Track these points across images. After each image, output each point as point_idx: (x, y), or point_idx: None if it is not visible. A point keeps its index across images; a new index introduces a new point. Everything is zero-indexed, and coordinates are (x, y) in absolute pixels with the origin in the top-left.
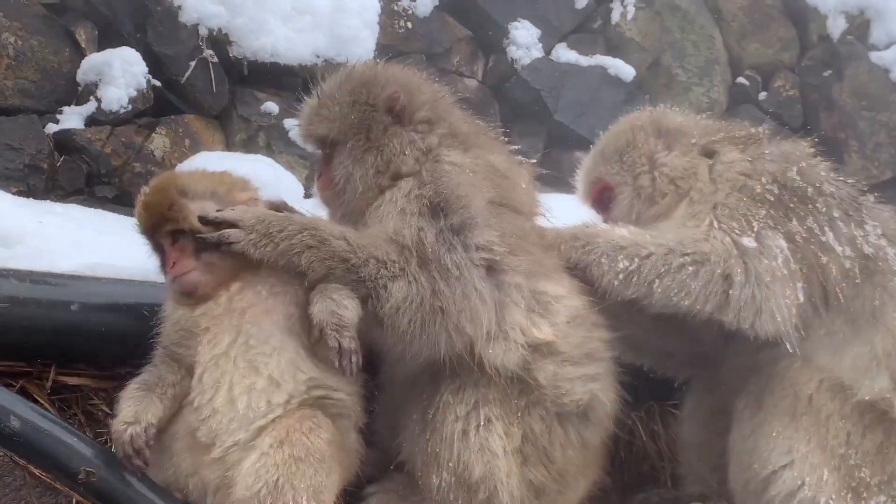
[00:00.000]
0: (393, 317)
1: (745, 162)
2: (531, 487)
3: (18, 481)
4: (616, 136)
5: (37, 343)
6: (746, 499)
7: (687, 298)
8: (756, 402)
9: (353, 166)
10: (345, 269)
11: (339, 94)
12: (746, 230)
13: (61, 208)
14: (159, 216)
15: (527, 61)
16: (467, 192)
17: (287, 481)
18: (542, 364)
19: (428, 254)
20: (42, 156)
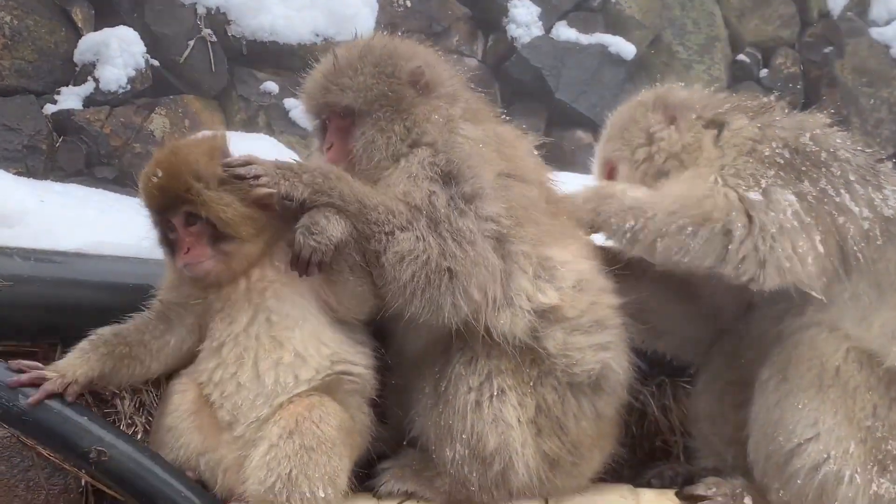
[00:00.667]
0: (396, 266)
1: (753, 128)
2: (546, 459)
3: (27, 462)
4: (620, 115)
5: (42, 322)
6: (768, 471)
7: (686, 255)
8: (781, 372)
9: (377, 135)
10: (358, 207)
11: (362, 65)
12: (753, 186)
13: (62, 188)
14: (175, 198)
15: (526, 40)
16: (478, 164)
17: (301, 472)
18: (551, 332)
19: (439, 215)
20: (41, 136)
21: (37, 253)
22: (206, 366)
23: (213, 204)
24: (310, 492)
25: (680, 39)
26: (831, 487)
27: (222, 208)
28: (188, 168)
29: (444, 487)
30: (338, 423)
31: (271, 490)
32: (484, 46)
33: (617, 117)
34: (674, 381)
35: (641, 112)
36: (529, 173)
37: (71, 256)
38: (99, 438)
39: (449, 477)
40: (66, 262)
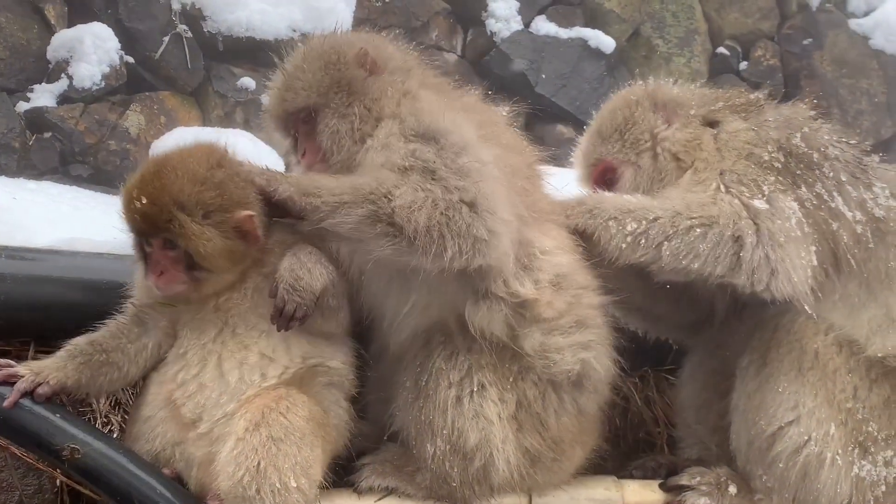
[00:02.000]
0: (408, 215)
1: (749, 131)
2: (527, 455)
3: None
4: (613, 114)
5: (14, 320)
6: (750, 457)
7: (696, 261)
8: (761, 357)
9: (339, 123)
10: (351, 193)
11: (308, 64)
12: (756, 194)
13: (35, 185)
14: (155, 226)
15: (506, 34)
16: (453, 120)
17: (269, 463)
18: (528, 332)
19: (430, 165)
20: (13, 134)
21: (9, 249)
22: (170, 369)
23: (193, 237)
24: (280, 483)
25: (659, 33)
26: (813, 470)
27: (202, 242)
28: (172, 197)
29: (425, 483)
30: (307, 413)
31: (240, 484)
32: (463, 41)
33: (610, 116)
34: (657, 372)
35: (640, 112)
36: (506, 139)
37: (44, 253)
38: (72, 436)
39: (430, 472)
40: (40, 258)
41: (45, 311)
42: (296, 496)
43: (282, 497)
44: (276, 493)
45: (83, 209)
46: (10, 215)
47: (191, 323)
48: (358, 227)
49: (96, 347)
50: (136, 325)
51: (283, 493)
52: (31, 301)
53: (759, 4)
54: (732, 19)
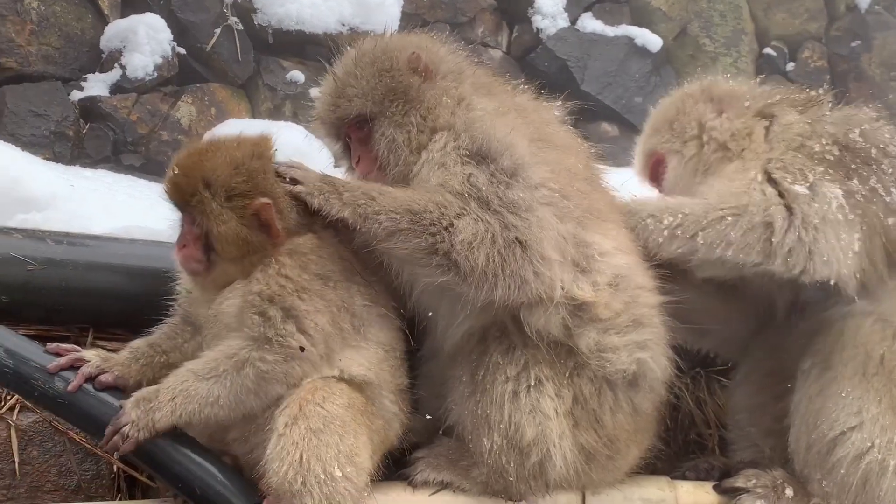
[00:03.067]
0: (468, 255)
1: (803, 123)
2: (582, 452)
3: (59, 447)
4: (666, 107)
5: (74, 306)
6: (809, 461)
7: (729, 248)
8: (824, 361)
9: (396, 133)
10: (410, 220)
11: (360, 70)
12: (799, 179)
13: (91, 173)
14: (181, 199)
15: (552, 31)
16: (505, 135)
17: (312, 455)
18: (584, 331)
19: (484, 194)
20: (67, 123)
21: (69, 236)
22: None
23: (211, 215)
24: (325, 473)
25: (706, 32)
26: (875, 477)
27: (218, 222)
28: (202, 174)
29: (481, 477)
30: (345, 401)
31: (286, 479)
32: (509, 38)
33: (663, 109)
34: (708, 373)
35: (691, 103)
36: (561, 140)
37: (103, 240)
38: None
39: (486, 467)
40: (99, 245)
41: (103, 298)
42: (343, 485)
43: (329, 487)
44: (322, 483)
45: (138, 198)
46: (68, 203)
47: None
48: (412, 255)
49: (156, 349)
50: (187, 324)
51: (330, 482)
52: (90, 287)
53: (807, 5)
54: (780, 20)
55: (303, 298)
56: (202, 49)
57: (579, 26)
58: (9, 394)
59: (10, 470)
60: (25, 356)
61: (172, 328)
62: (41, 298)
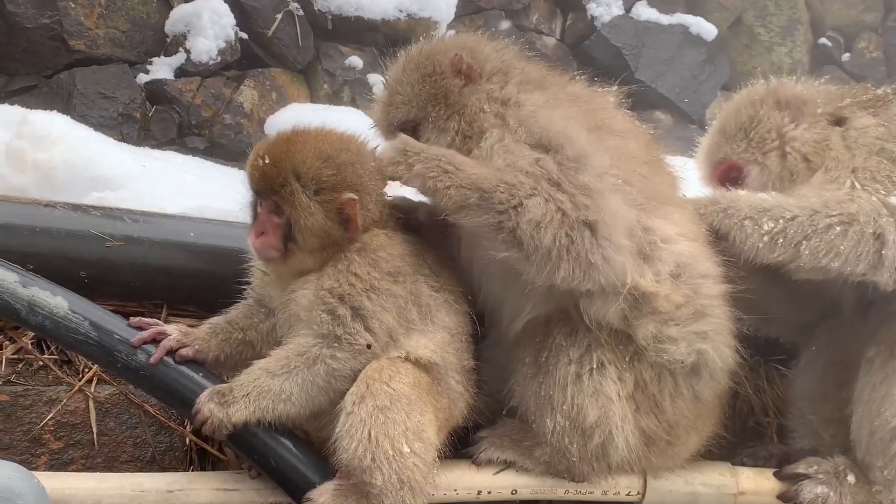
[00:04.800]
0: (534, 235)
1: (880, 126)
2: (643, 436)
3: (134, 419)
4: (737, 113)
5: (150, 283)
6: (871, 448)
7: (836, 259)
8: (888, 349)
9: (439, 137)
10: (479, 197)
11: (406, 76)
12: (892, 189)
13: (160, 154)
14: (268, 188)
15: (607, 19)
16: (564, 125)
17: (380, 432)
18: (642, 322)
19: (555, 176)
20: (134, 105)
21: (145, 215)
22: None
23: (299, 207)
24: (393, 449)
25: (761, 21)
26: None
27: (306, 215)
28: (293, 164)
29: (544, 458)
30: (411, 380)
31: (356, 455)
32: (563, 25)
33: (733, 114)
34: (767, 361)
35: (764, 110)
36: (620, 125)
37: (177, 219)
38: None
39: (549, 447)
40: (173, 224)
41: (177, 275)
42: (412, 460)
43: (398, 462)
44: (391, 459)
45: (207, 179)
46: (140, 183)
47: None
48: (480, 228)
49: (234, 326)
50: (261, 305)
51: (399, 458)
52: (165, 265)
53: None
54: (835, 10)
55: (371, 298)
56: (263, 34)
57: (634, 14)
58: (87, 366)
59: (89, 440)
60: (110, 329)
61: (248, 308)
62: (118, 275)
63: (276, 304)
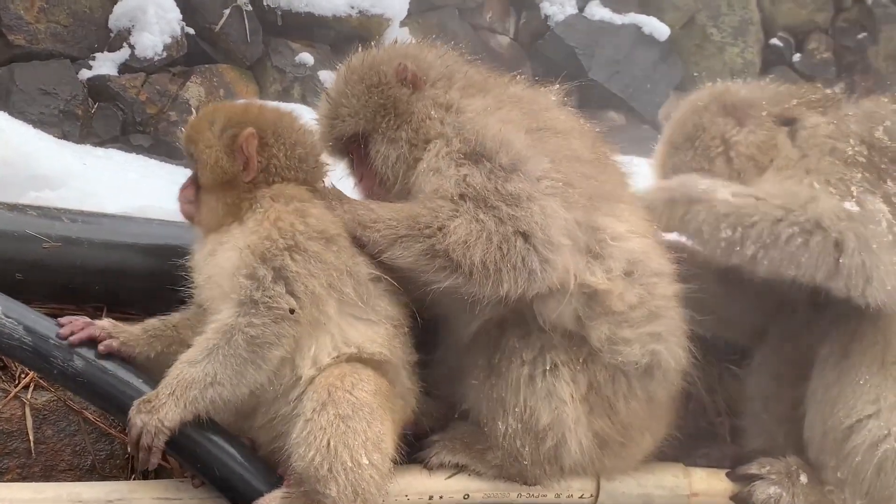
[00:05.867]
0: (465, 254)
1: (829, 125)
2: (596, 438)
3: (73, 427)
4: (683, 123)
5: (89, 285)
6: (824, 448)
7: (795, 269)
8: (842, 348)
9: (390, 148)
10: (408, 225)
11: (350, 88)
12: (846, 195)
13: (102, 152)
14: (187, 141)
15: (560, 18)
16: (500, 131)
17: (339, 441)
18: (596, 323)
19: (481, 192)
20: (76, 102)
21: (84, 215)
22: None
23: (201, 143)
24: (352, 460)
25: (714, 21)
26: (890, 465)
27: (204, 148)
28: (210, 116)
29: (496, 461)
30: (373, 388)
31: (312, 464)
32: (517, 24)
33: (679, 125)
34: (720, 361)
35: (708, 117)
36: (562, 124)
37: (118, 219)
38: None
39: (501, 450)
40: (114, 224)
41: (118, 277)
42: (369, 472)
43: (355, 474)
44: (349, 470)
45: (150, 177)
46: (81, 182)
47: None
48: (417, 261)
49: (167, 324)
50: (200, 306)
51: (356, 469)
52: (105, 266)
53: None
54: (786, 10)
55: (295, 258)
56: (211, 29)
57: (587, 13)
58: (24, 372)
59: (25, 449)
60: (45, 333)
61: (187, 312)
62: (56, 276)
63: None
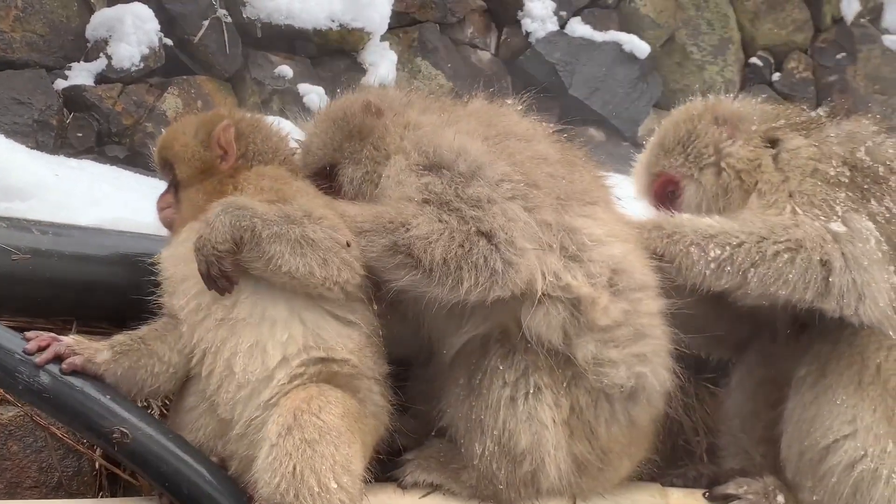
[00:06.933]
0: (426, 248)
1: (811, 147)
2: (575, 461)
3: (39, 443)
4: (676, 127)
5: (59, 298)
6: (801, 468)
7: (785, 287)
8: (819, 369)
9: (355, 170)
10: (372, 221)
11: (319, 126)
12: (831, 215)
13: (76, 163)
14: (161, 151)
15: (541, 35)
16: (456, 142)
17: (306, 467)
18: (582, 341)
19: (443, 197)
20: (51, 112)
21: (55, 227)
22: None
23: (176, 143)
24: (319, 485)
25: (694, 40)
26: (866, 486)
27: (180, 146)
28: (183, 126)
29: (471, 482)
30: (341, 410)
31: (277, 490)
32: (498, 40)
33: (672, 129)
34: (697, 380)
35: (704, 125)
36: (523, 129)
37: (90, 231)
38: (122, 419)
39: (476, 471)
40: (85, 236)
41: (89, 290)
42: (338, 496)
43: (323, 499)
44: (316, 496)
45: (124, 189)
46: (53, 193)
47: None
48: (379, 257)
49: (134, 339)
50: (171, 317)
51: (324, 494)
52: (76, 279)
53: (794, 16)
54: (766, 30)
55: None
56: (189, 41)
57: (568, 30)
58: None
59: None
60: (10, 348)
61: (155, 323)
62: (25, 289)
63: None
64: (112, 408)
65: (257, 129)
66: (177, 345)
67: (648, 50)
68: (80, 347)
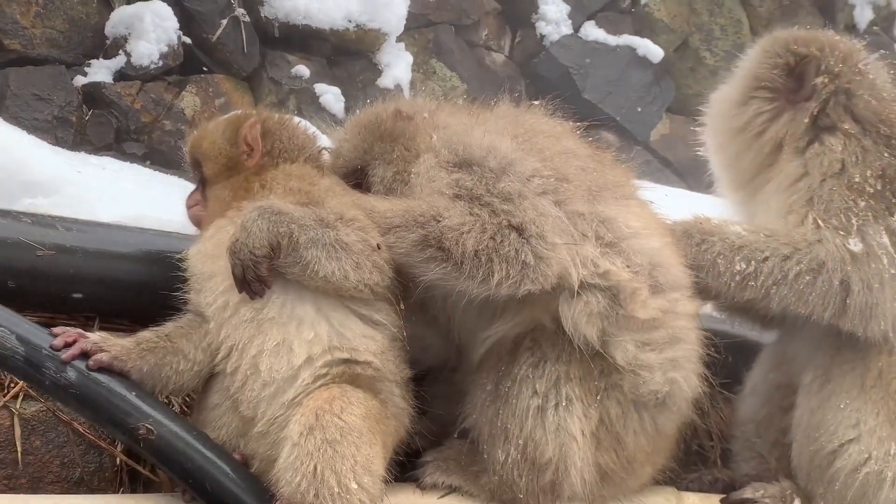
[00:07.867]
0: (458, 240)
1: (845, 149)
2: (599, 471)
3: (62, 438)
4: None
5: (82, 294)
6: (811, 474)
7: (805, 307)
8: (824, 374)
9: (386, 170)
10: (402, 216)
11: (349, 132)
12: (850, 230)
13: (97, 160)
14: (191, 149)
15: (555, 38)
16: (486, 137)
17: (326, 467)
18: (621, 340)
19: (474, 192)
20: (70, 108)
21: (79, 223)
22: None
23: (204, 141)
24: (339, 486)
25: (707, 45)
26: (872, 490)
27: (207, 142)
28: (212, 126)
29: (490, 486)
30: (363, 411)
31: (298, 490)
32: (512, 42)
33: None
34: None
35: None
36: (551, 127)
37: (113, 228)
38: (148, 416)
39: (496, 476)
40: (109, 233)
41: (112, 287)
42: (358, 496)
43: (343, 499)
44: (337, 496)
45: (144, 186)
46: (74, 189)
47: (210, 281)
48: (409, 252)
49: (160, 336)
50: (198, 314)
51: (345, 495)
52: (99, 275)
53: (807, 23)
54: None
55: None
56: (208, 39)
57: (582, 34)
58: (13, 381)
59: (13, 459)
60: (38, 343)
61: (181, 320)
62: (48, 285)
63: (207, 283)
64: (138, 404)
65: (283, 128)
66: (202, 343)
67: (662, 54)
68: (107, 344)
